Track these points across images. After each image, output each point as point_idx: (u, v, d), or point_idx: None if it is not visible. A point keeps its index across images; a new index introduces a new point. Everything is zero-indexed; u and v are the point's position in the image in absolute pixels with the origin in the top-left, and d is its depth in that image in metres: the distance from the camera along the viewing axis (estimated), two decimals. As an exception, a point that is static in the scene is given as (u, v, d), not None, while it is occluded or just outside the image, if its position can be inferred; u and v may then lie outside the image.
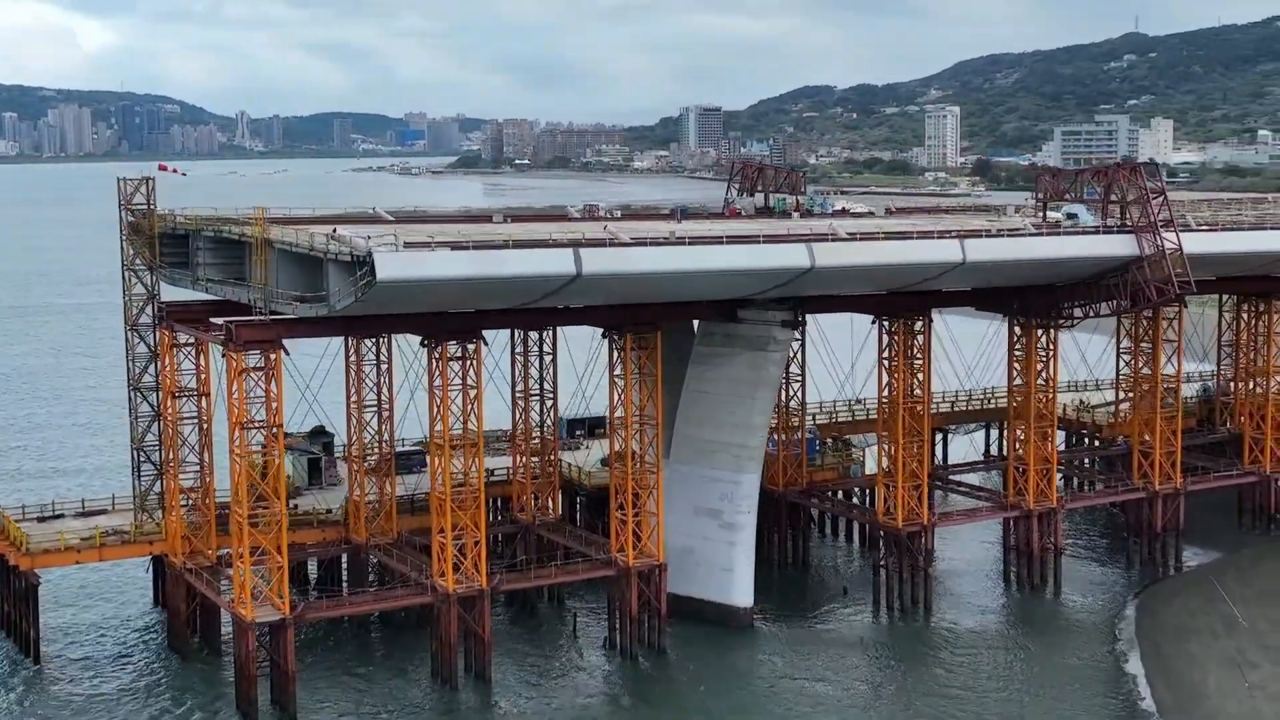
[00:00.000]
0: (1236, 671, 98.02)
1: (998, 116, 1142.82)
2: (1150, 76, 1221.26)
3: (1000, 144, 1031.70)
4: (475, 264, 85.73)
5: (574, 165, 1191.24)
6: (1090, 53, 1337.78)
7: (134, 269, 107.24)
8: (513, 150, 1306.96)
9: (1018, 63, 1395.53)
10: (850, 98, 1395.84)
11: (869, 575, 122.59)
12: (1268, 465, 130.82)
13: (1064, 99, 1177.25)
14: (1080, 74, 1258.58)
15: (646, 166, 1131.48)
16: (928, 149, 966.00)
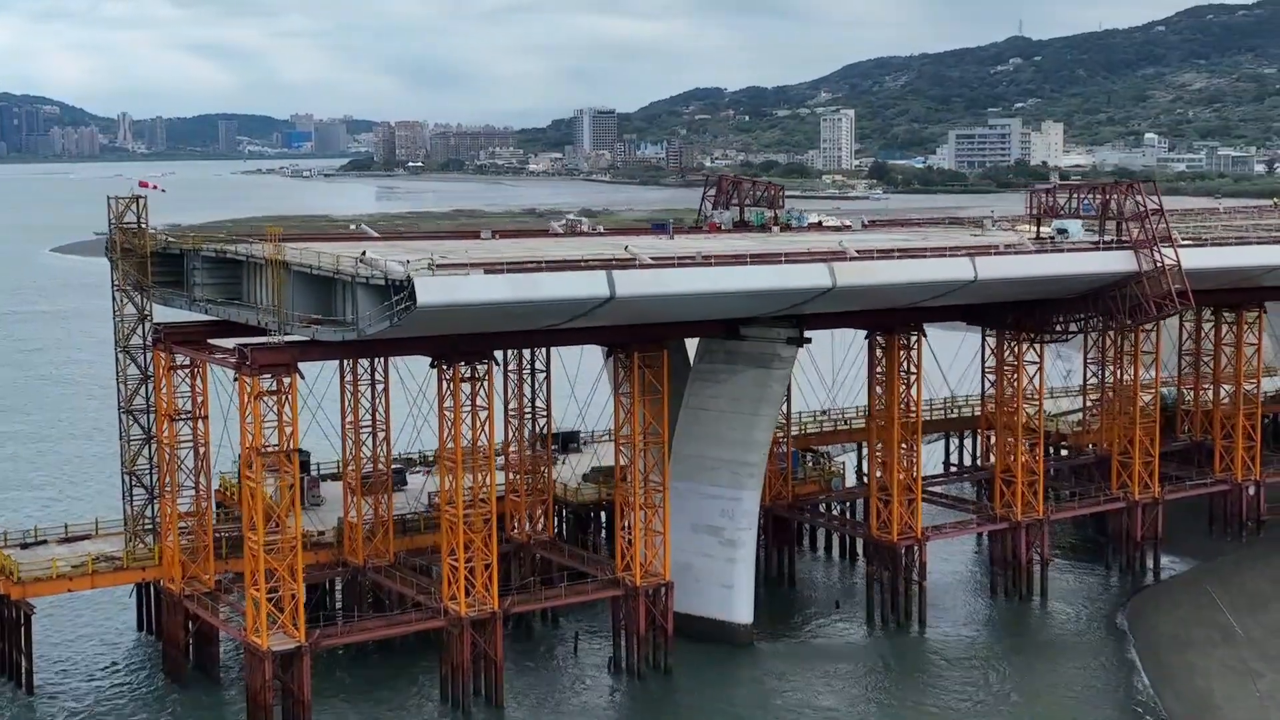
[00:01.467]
0: (1242, 681, 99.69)
1: (888, 119, 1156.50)
2: (1036, 80, 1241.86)
3: (892, 146, 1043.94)
4: (512, 287, 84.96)
5: (468, 168, 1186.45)
6: (977, 56, 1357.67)
7: (125, 289, 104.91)
8: (405, 153, 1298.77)
9: (905, 66, 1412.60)
10: (741, 100, 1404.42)
11: (858, 588, 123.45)
12: (1239, 473, 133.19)
13: (953, 102, 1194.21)
14: (968, 77, 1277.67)
15: (542, 169, 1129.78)
16: (823, 152, 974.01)
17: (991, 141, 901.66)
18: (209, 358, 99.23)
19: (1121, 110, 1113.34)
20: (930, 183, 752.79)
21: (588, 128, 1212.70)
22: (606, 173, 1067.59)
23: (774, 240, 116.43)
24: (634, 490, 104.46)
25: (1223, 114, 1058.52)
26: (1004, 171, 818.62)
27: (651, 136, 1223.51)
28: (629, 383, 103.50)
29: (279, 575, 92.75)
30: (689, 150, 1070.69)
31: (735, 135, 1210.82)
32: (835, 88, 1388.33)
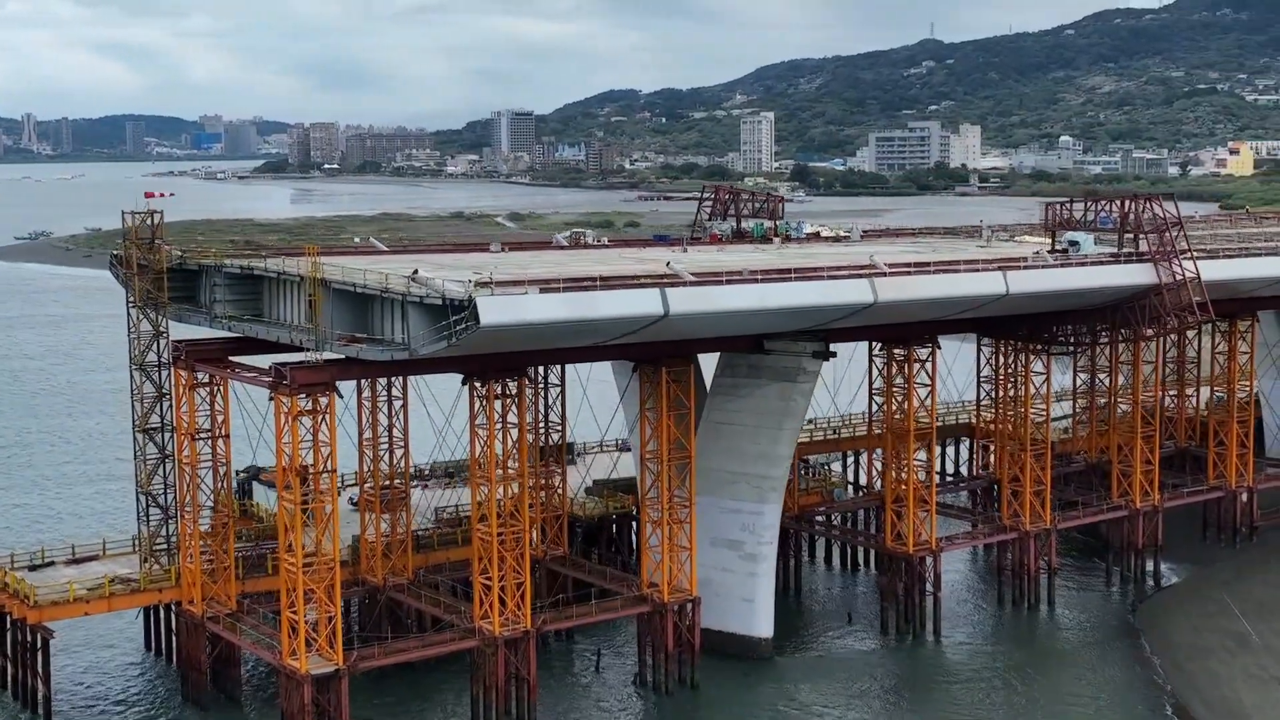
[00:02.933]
0: (1267, 689, 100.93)
1: (805, 121, 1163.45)
2: (949, 83, 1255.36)
3: (810, 148, 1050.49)
4: (570, 306, 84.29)
5: (385, 170, 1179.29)
6: (889, 59, 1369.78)
7: (141, 306, 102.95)
8: (320, 155, 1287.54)
9: (819, 68, 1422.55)
10: (657, 102, 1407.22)
11: (865, 599, 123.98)
12: (1232, 480, 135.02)
13: (868, 104, 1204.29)
14: (881, 80, 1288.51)
15: (461, 171, 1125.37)
16: (743, 154, 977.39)
17: (911, 144, 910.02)
18: (238, 376, 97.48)
19: (1034, 113, 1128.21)
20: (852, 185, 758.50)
21: (505, 130, 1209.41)
22: (526, 175, 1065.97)
23: (790, 253, 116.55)
24: (662, 506, 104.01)
25: (1133, 117, 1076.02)
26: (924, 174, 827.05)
27: (568, 138, 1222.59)
28: (655, 398, 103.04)
29: (316, 597, 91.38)
30: (608, 152, 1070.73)
31: (652, 137, 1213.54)
32: (750, 90, 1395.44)
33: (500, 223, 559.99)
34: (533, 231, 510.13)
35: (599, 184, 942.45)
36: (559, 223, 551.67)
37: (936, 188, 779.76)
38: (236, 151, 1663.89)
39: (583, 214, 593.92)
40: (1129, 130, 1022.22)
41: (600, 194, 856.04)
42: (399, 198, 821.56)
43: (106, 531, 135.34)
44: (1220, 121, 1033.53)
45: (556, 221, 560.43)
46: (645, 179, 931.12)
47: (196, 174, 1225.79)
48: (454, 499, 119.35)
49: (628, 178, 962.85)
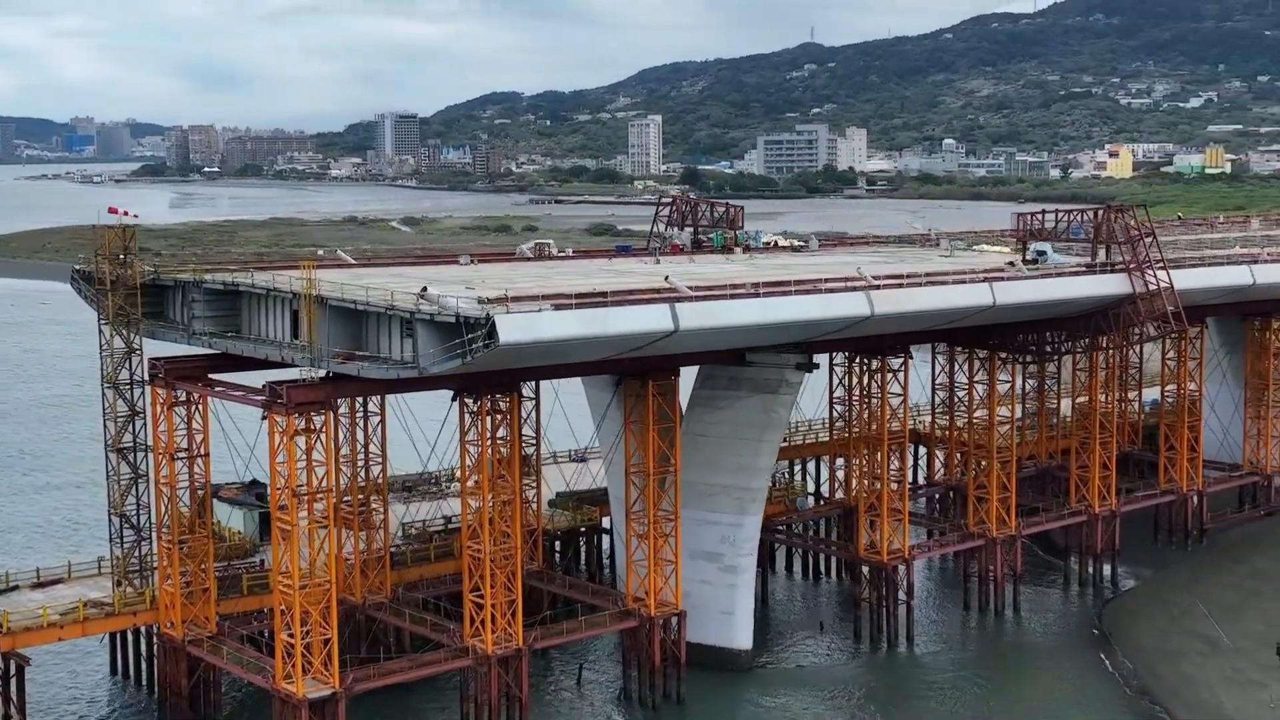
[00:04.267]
0: (1246, 691, 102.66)
1: (690, 124, 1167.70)
2: (831, 86, 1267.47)
3: (696, 151, 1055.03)
4: (585, 323, 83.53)
5: (267, 173, 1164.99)
6: (772, 62, 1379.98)
7: (115, 324, 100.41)
8: (200, 158, 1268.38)
9: (702, 71, 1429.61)
10: (540, 104, 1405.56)
11: (832, 608, 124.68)
12: (1184, 484, 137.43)
13: (751, 107, 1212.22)
14: (764, 83, 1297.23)
15: (345, 175, 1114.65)
16: (631, 157, 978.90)
17: (799, 147, 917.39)
18: (225, 395, 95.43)
19: (915, 116, 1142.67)
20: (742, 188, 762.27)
21: (389, 132, 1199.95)
22: (412, 178, 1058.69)
23: (765, 264, 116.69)
24: (649, 520, 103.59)
25: (1012, 119, 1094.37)
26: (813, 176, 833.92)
27: (453, 141, 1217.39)
28: (641, 412, 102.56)
29: (313, 618, 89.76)
30: (494, 155, 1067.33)
31: (537, 140, 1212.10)
32: (633, 92, 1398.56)
33: (395, 227, 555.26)
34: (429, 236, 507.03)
35: (487, 187, 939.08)
36: (455, 227, 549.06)
37: (825, 190, 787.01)
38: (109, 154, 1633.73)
39: (476, 218, 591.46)
40: (1008, 133, 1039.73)
41: (489, 197, 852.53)
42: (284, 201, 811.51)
43: (62, 552, 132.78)
44: (1096, 124, 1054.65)
45: (452, 226, 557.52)
46: (534, 182, 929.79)
47: (71, 177, 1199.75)
48: (418, 513, 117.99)
49: (516, 181, 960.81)
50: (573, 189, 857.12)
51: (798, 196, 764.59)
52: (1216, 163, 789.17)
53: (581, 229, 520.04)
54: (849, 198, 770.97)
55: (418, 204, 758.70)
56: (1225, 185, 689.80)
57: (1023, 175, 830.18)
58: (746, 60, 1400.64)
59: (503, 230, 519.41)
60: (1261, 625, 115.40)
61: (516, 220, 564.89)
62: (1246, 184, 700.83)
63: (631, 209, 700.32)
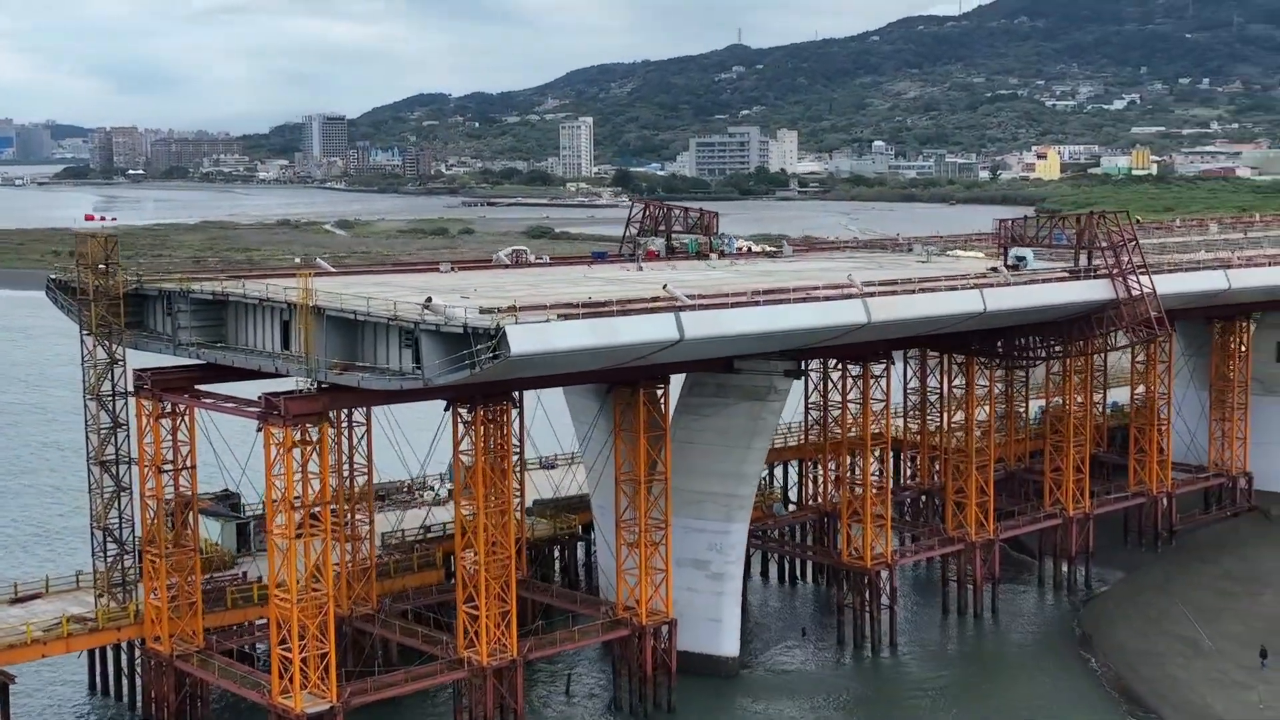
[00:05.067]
0: (1232, 693, 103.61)
1: (619, 126, 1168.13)
2: (759, 88, 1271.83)
3: (626, 153, 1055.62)
4: (595, 333, 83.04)
5: (193, 176, 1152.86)
6: (700, 64, 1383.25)
7: (97, 334, 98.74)
8: (124, 160, 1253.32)
9: (630, 73, 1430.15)
10: (468, 106, 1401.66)
11: (815, 613, 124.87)
12: (1153, 486, 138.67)
13: (681, 109, 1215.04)
14: (693, 84, 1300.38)
15: (273, 177, 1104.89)
16: (563, 159, 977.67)
17: (731, 149, 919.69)
18: (217, 407, 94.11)
19: (844, 118, 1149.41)
20: (674, 189, 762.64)
21: (316, 134, 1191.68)
22: (341, 180, 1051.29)
23: (748, 270, 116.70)
24: (640, 528, 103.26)
25: (939, 121, 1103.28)
26: (745, 178, 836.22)
27: (381, 142, 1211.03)
28: (632, 420, 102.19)
29: (310, 632, 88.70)
30: (425, 157, 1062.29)
31: (466, 141, 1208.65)
32: (561, 94, 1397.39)
33: (329, 230, 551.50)
34: (364, 239, 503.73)
35: (418, 189, 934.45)
36: (390, 230, 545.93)
37: (758, 192, 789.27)
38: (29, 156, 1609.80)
39: (411, 221, 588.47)
40: (936, 135, 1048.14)
41: (420, 200, 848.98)
42: (212, 204, 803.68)
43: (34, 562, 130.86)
44: (1022, 126, 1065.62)
45: (387, 229, 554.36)
46: (466, 184, 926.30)
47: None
48: (395, 523, 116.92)
49: (447, 183, 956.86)
50: (505, 191, 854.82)
51: (730, 198, 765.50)
52: (1143, 164, 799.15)
53: (519, 231, 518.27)
54: (781, 199, 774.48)
55: (348, 206, 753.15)
56: (1153, 186, 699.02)
57: (953, 177, 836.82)
58: (674, 62, 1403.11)
59: (439, 233, 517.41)
60: (1240, 626, 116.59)
61: (452, 223, 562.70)
62: (1173, 185, 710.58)
63: (565, 211, 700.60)
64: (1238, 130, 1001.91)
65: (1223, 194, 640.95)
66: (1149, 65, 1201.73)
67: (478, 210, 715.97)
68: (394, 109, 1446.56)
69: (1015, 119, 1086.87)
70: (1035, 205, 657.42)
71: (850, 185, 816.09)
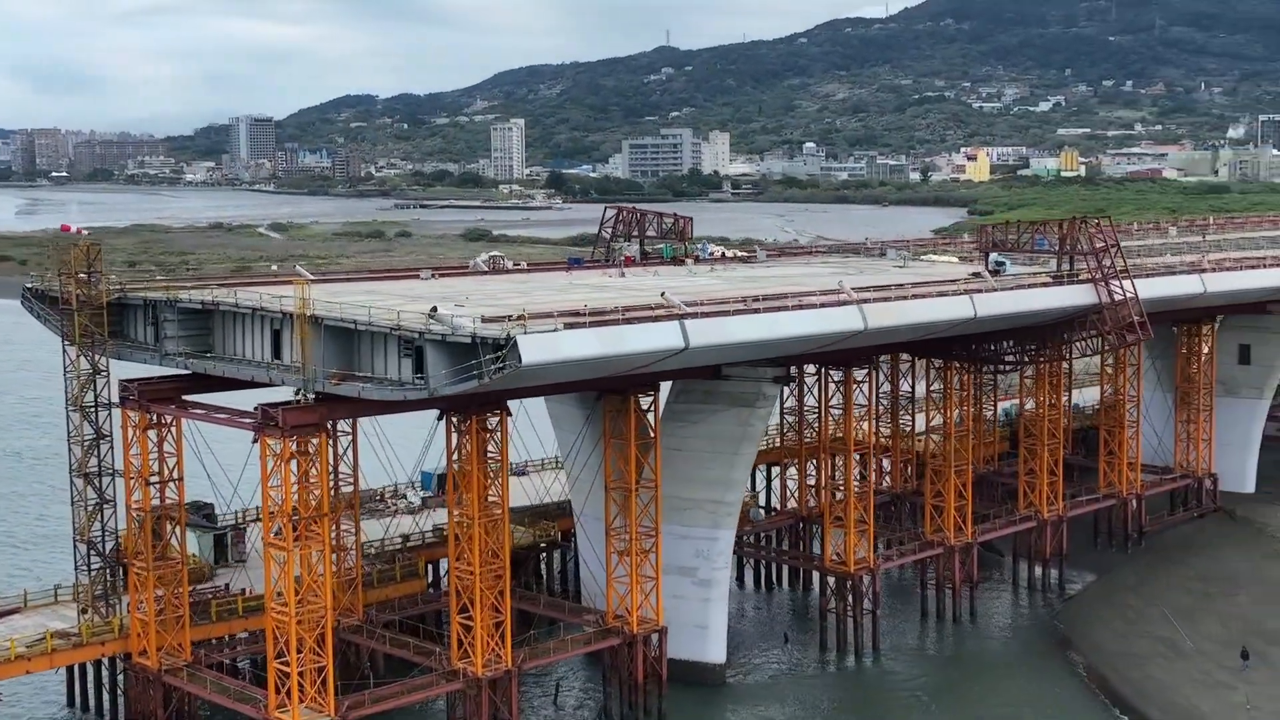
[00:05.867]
0: (1217, 694, 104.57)
1: (550, 127, 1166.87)
2: (688, 89, 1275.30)
3: (556, 155, 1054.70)
4: (603, 342, 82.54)
5: (118, 178, 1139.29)
6: (629, 65, 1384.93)
7: (81, 344, 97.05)
8: (47, 162, 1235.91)
9: (559, 74, 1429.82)
10: (396, 107, 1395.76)
11: (794, 618, 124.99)
12: (1124, 488, 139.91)
13: (611, 110, 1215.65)
14: (623, 86, 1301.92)
15: (200, 180, 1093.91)
16: (494, 161, 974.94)
17: (664, 151, 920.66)
18: (209, 418, 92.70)
19: (773, 119, 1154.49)
20: (608, 191, 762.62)
21: (244, 136, 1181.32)
22: (269, 182, 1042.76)
23: (730, 276, 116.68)
24: (630, 536, 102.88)
25: (868, 123, 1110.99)
26: (679, 180, 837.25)
27: (308, 144, 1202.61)
28: (620, 428, 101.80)
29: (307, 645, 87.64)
30: (354, 159, 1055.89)
31: (395, 143, 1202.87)
32: (489, 95, 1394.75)
33: (263, 233, 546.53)
34: (300, 242, 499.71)
35: (348, 191, 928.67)
36: (326, 233, 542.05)
37: (692, 194, 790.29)
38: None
39: (347, 223, 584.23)
40: (865, 136, 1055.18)
41: (351, 202, 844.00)
42: (139, 207, 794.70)
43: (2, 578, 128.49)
44: (950, 128, 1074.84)
45: (322, 231, 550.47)
46: (397, 186, 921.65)
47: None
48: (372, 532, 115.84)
49: (378, 185, 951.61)
50: (437, 193, 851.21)
51: (664, 200, 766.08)
52: (1071, 166, 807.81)
53: (456, 234, 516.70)
54: (715, 201, 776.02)
55: (279, 209, 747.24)
56: (1082, 188, 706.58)
57: (884, 178, 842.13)
58: (603, 64, 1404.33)
59: (376, 236, 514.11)
60: (1218, 627, 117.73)
61: (388, 225, 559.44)
62: (1102, 187, 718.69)
63: (500, 214, 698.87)
64: (1161, 132, 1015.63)
65: (1151, 195, 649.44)
66: (1073, 68, 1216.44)
67: (411, 213, 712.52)
68: (321, 110, 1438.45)
69: (943, 121, 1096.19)
70: (968, 207, 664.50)
71: (783, 187, 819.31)
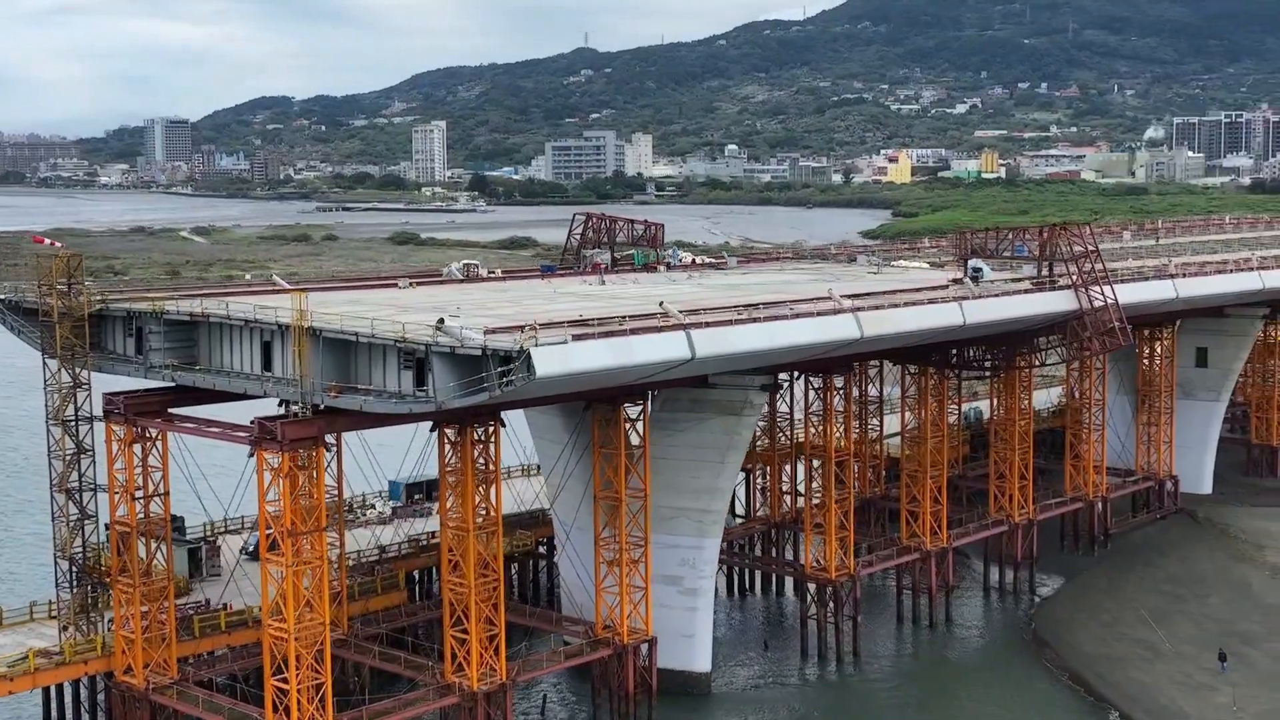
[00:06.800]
0: (1202, 695, 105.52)
1: (469, 130, 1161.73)
2: (608, 91, 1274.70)
3: (476, 157, 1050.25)
4: (613, 353, 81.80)
5: (30, 181, 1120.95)
6: (548, 67, 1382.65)
7: (62, 357, 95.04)
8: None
9: (477, 76, 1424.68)
10: (313, 109, 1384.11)
11: (771, 625, 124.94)
12: (1090, 491, 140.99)
13: (530, 112, 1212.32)
14: (542, 88, 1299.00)
15: (115, 182, 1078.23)
16: (415, 163, 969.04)
17: (587, 153, 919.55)
18: (202, 432, 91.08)
19: (694, 121, 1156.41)
20: (532, 194, 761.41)
21: (159, 138, 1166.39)
22: (186, 185, 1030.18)
23: (711, 283, 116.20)
24: (620, 546, 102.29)
25: (788, 125, 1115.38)
26: (603, 182, 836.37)
27: (225, 146, 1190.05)
28: (609, 438, 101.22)
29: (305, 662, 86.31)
30: (272, 161, 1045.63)
31: (313, 145, 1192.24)
32: (408, 97, 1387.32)
33: (187, 237, 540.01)
34: (225, 245, 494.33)
35: (268, 194, 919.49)
36: (251, 236, 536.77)
37: (616, 196, 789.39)
38: None
39: (272, 227, 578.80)
40: (785, 138, 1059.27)
41: (272, 205, 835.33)
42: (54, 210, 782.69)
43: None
44: (869, 130, 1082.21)
45: (247, 235, 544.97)
46: (317, 189, 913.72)
47: None
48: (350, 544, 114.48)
49: (298, 187, 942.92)
50: (359, 196, 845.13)
51: (588, 202, 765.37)
52: (991, 168, 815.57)
53: (383, 238, 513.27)
54: (639, 203, 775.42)
55: (199, 213, 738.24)
56: (1003, 190, 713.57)
57: (807, 180, 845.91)
58: (522, 65, 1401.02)
59: (302, 239, 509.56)
60: (1193, 629, 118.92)
61: (313, 229, 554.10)
62: (1023, 188, 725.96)
63: (424, 216, 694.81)
64: (1076, 134, 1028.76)
65: (1071, 197, 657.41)
66: (989, 70, 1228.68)
67: (334, 216, 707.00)
68: (236, 112, 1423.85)
69: (862, 122, 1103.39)
70: (891, 209, 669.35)
71: (707, 189, 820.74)
